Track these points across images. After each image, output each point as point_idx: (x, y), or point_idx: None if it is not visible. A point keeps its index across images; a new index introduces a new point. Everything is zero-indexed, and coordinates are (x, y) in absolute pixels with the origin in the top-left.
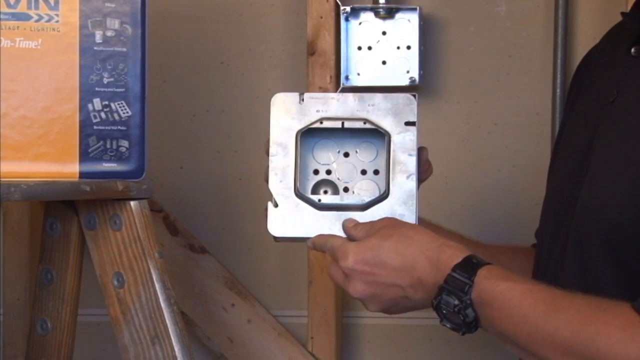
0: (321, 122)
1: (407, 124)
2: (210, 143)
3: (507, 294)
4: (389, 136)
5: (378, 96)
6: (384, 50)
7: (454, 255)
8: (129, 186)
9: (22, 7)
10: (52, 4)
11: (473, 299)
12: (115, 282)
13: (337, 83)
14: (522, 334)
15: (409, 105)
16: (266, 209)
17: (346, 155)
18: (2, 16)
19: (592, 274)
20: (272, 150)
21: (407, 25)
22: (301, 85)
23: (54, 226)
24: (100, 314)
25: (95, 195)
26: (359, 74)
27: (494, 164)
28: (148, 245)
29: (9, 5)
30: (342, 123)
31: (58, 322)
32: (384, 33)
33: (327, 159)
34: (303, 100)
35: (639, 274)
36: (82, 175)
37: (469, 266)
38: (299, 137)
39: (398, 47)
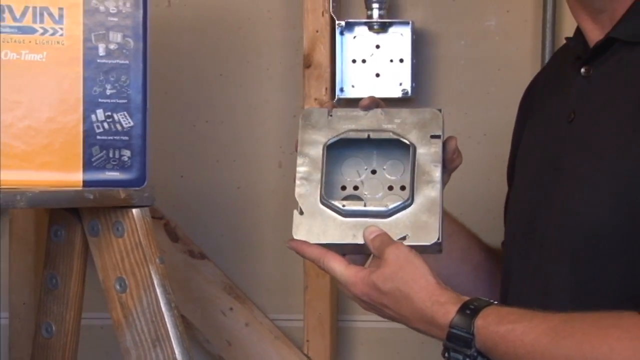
0: (346, 135)
1: (433, 137)
2: (210, 152)
3: (508, 336)
4: (414, 147)
5: (404, 111)
6: (378, 63)
7: (447, 312)
8: (131, 194)
9: (27, 21)
10: (57, 17)
11: (478, 348)
12: (118, 287)
13: (332, 95)
14: None
15: (434, 120)
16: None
17: (373, 172)
18: (8, 29)
19: (584, 283)
20: (299, 161)
21: (399, 39)
22: (297, 97)
23: (58, 233)
24: (103, 317)
25: (98, 202)
26: (353, 86)
27: (483, 173)
28: (149, 251)
29: (14, 19)
30: (369, 135)
31: (62, 326)
32: (377, 46)
33: (355, 175)
34: (331, 115)
35: (631, 280)
36: (86, 183)
37: (464, 319)
38: (325, 149)
39: (391, 60)
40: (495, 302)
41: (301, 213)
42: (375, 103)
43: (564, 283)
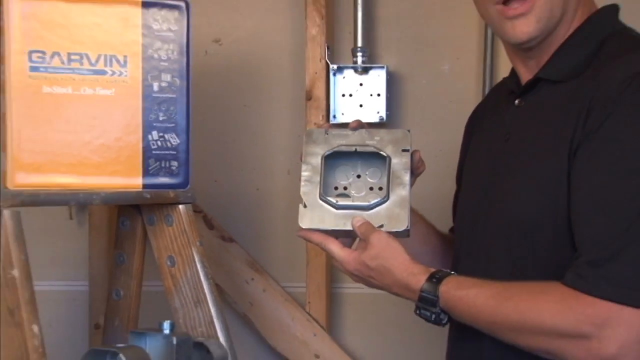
0: (339, 148)
1: (404, 150)
2: (236, 163)
3: (464, 299)
4: (390, 158)
5: (382, 131)
6: (361, 96)
7: (419, 280)
8: (178, 194)
9: (100, 65)
10: (122, 62)
11: (442, 307)
12: (169, 263)
13: (327, 120)
14: (482, 323)
15: (405, 138)
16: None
17: (359, 176)
18: (85, 71)
19: (517, 262)
20: (303, 168)
21: (377, 78)
22: (301, 122)
23: (124, 223)
24: (158, 285)
25: (153, 200)
26: (343, 114)
27: (439, 178)
28: (192, 237)
29: (91, 64)
30: (355, 149)
31: (128, 291)
32: (360, 84)
33: (345, 179)
34: (327, 134)
35: (552, 257)
36: (144, 186)
37: (431, 285)
38: (323, 159)
39: (371, 95)
40: (454, 273)
41: (305, 206)
42: (361, 125)
43: (502, 262)
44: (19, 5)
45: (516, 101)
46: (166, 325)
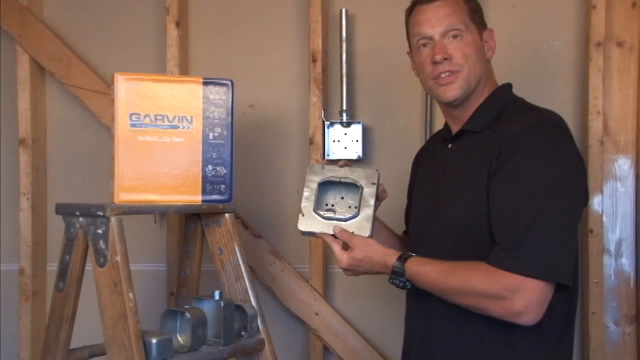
0: (329, 178)
1: (373, 183)
2: (263, 185)
3: (422, 272)
4: (362, 188)
5: (360, 169)
6: (346, 142)
7: (391, 260)
8: (225, 206)
9: (175, 122)
10: (189, 120)
11: (407, 277)
12: (219, 252)
13: (323, 158)
14: (434, 290)
15: (374, 174)
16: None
17: (342, 198)
18: (165, 126)
19: (457, 254)
20: (305, 189)
21: (356, 130)
22: (306, 159)
23: (190, 226)
24: (211, 267)
25: (209, 211)
26: (334, 153)
27: (396, 199)
28: (234, 234)
29: (169, 122)
30: (340, 179)
31: (192, 271)
32: (345, 134)
33: (333, 199)
34: (323, 167)
35: (480, 249)
36: (203, 201)
37: (400, 262)
38: (318, 185)
39: (352, 141)
40: (415, 255)
41: (303, 215)
42: (346, 164)
43: (445, 250)
44: (124, 84)
45: (449, 145)
46: (217, 294)
